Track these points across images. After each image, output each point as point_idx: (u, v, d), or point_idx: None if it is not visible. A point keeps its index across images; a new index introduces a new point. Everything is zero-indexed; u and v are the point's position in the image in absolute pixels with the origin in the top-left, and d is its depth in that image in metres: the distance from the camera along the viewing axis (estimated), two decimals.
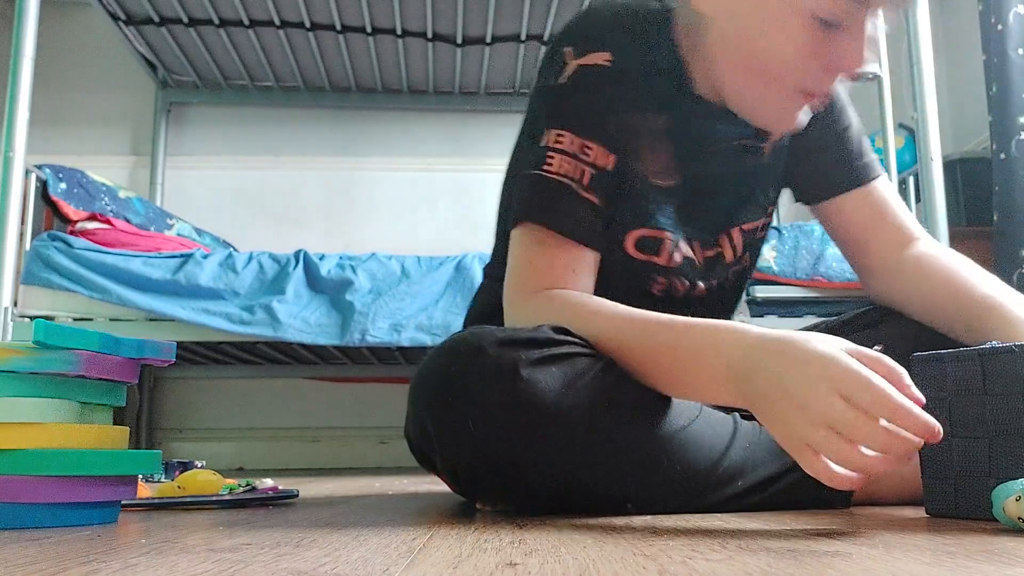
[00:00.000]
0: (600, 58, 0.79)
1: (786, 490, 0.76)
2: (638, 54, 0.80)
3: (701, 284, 0.88)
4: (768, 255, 2.06)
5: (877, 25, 0.77)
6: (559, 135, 0.78)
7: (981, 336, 0.78)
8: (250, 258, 2.06)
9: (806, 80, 0.76)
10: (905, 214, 0.92)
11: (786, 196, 0.98)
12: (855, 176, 0.91)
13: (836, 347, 0.58)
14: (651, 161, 0.82)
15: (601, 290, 0.81)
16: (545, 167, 0.78)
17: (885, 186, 0.92)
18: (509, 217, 0.83)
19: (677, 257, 0.85)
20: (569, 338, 0.72)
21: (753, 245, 0.94)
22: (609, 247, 0.82)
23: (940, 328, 0.86)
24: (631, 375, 0.72)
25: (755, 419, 0.74)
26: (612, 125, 0.79)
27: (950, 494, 0.64)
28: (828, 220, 0.94)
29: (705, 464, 0.73)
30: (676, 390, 0.71)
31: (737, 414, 0.79)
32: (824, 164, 0.92)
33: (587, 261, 0.80)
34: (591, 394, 0.69)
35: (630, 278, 0.84)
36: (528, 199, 0.80)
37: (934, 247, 0.90)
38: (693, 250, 0.87)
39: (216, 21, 2.52)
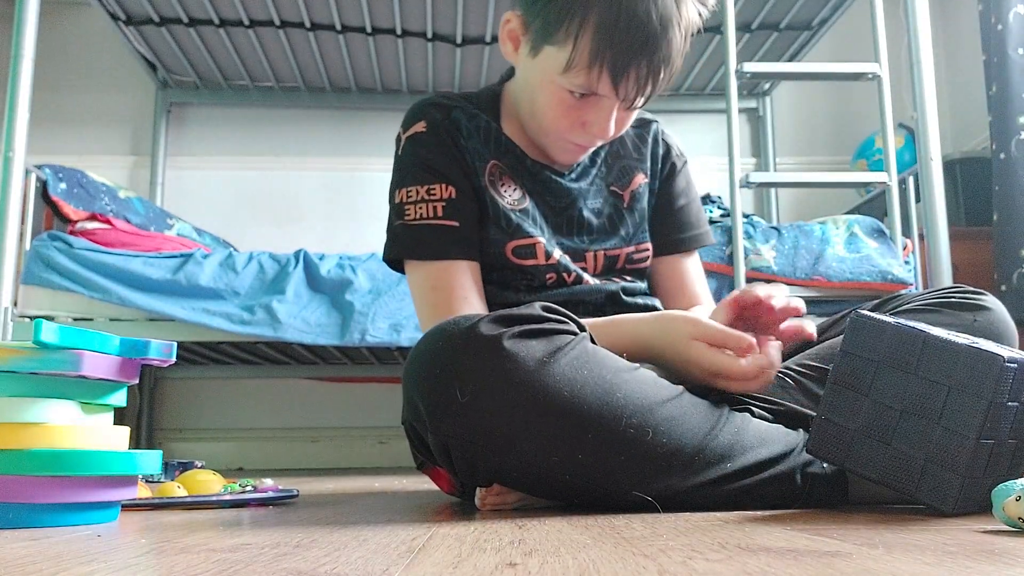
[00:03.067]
0: (418, 127, 1.00)
1: (776, 479, 0.76)
2: (451, 119, 1.00)
3: (586, 276, 1.01)
4: (768, 255, 2.06)
5: (635, 106, 0.94)
6: (407, 191, 0.99)
7: None
8: (250, 258, 2.06)
9: (563, 133, 0.96)
10: (700, 286, 1.12)
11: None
12: (676, 245, 1.11)
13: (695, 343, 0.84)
14: (501, 190, 1.00)
15: (510, 289, 0.99)
16: (406, 217, 0.98)
17: (694, 262, 1.13)
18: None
19: (556, 255, 0.99)
20: (555, 316, 0.76)
21: (624, 271, 1.06)
22: (496, 257, 0.99)
23: None
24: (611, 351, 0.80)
25: (744, 409, 0.82)
26: (440, 167, 0.98)
27: (844, 444, 0.71)
28: (652, 274, 1.11)
29: (691, 442, 0.75)
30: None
31: (726, 404, 0.81)
32: (657, 229, 1.10)
33: (464, 269, 0.97)
34: (571, 365, 0.72)
35: (524, 277, 0.99)
36: (401, 243, 0.99)
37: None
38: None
39: (216, 21, 2.52)
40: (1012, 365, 0.63)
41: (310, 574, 0.42)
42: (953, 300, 0.90)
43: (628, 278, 1.06)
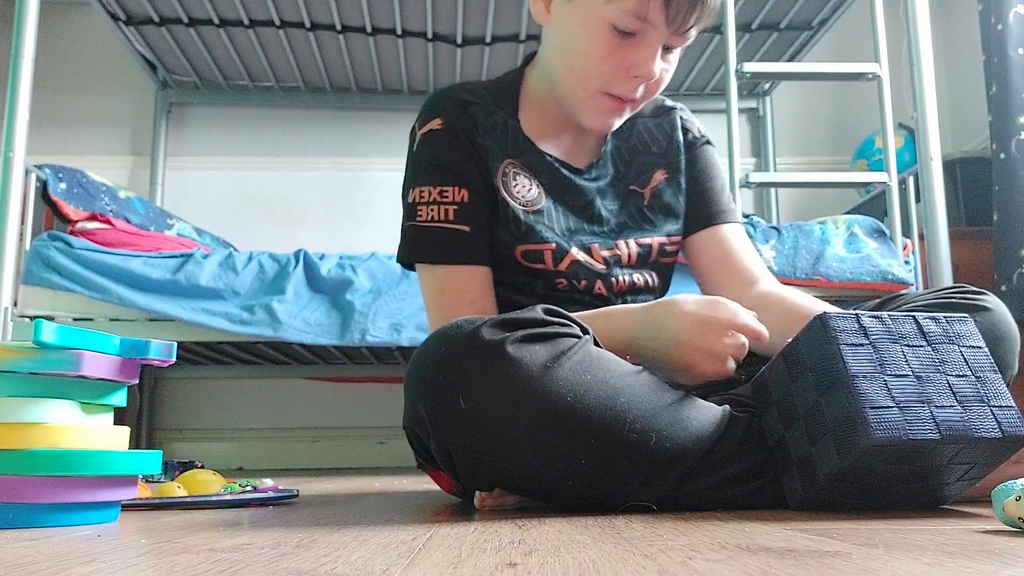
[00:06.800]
0: (434, 124, 0.98)
1: (778, 481, 0.76)
2: (468, 116, 0.98)
3: (600, 283, 1.00)
4: (768, 255, 2.06)
5: (675, 50, 0.92)
6: (420, 191, 0.97)
7: None
8: (250, 258, 2.06)
9: (605, 80, 0.92)
10: (752, 258, 1.07)
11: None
12: (708, 218, 1.07)
13: (693, 304, 0.83)
14: (514, 191, 0.98)
15: (521, 293, 0.99)
16: (417, 219, 0.97)
17: (736, 233, 1.08)
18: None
19: (566, 262, 0.98)
20: (558, 319, 0.75)
21: (655, 266, 1.05)
22: (506, 259, 0.98)
23: None
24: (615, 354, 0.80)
25: (746, 411, 0.81)
26: (455, 168, 0.96)
27: (763, 403, 0.78)
28: (689, 256, 1.09)
29: (695, 446, 0.75)
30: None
31: (728, 406, 0.81)
32: (689, 207, 1.08)
33: (473, 274, 0.96)
34: (575, 370, 0.72)
35: (535, 280, 0.99)
36: (412, 246, 0.98)
37: (775, 286, 1.04)
38: (591, 252, 1.00)
39: (216, 21, 2.52)
40: (880, 434, 0.65)
41: (310, 574, 0.42)
42: (954, 300, 0.90)
43: (655, 278, 1.04)
